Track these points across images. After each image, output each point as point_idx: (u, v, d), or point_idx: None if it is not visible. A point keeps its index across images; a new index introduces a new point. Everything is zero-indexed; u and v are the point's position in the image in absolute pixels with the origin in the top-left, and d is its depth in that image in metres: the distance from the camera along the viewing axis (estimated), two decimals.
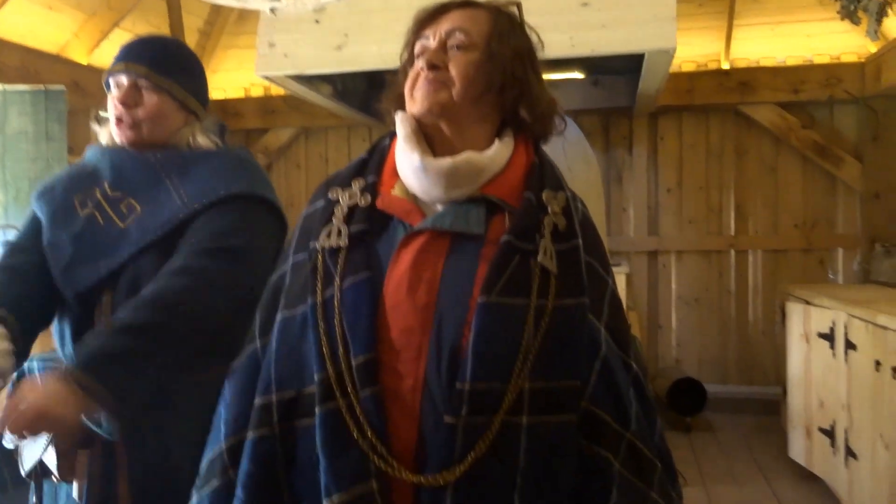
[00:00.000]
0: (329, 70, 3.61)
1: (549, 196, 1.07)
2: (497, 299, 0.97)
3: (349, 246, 1.05)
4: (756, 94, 4.53)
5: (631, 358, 1.09)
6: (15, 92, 3.75)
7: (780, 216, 4.67)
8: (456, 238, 1.03)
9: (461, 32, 1.07)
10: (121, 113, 1.45)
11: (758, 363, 4.67)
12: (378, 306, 1.00)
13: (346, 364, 0.98)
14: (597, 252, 1.11)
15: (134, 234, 1.39)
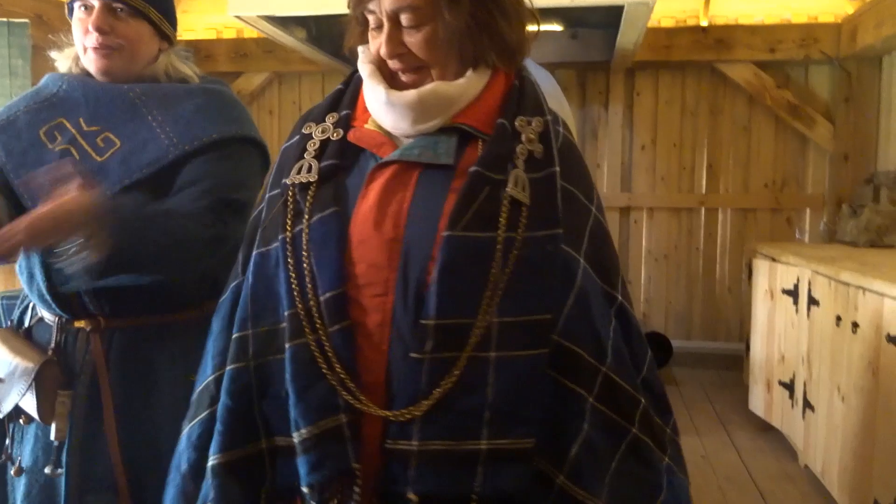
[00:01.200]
0: (304, 11, 3.53)
1: (522, 123, 1.03)
2: (462, 233, 0.95)
3: (319, 181, 1.04)
4: (733, 52, 4.53)
5: (617, 290, 1.05)
6: None
7: (751, 175, 4.71)
8: (426, 170, 1.01)
9: (407, 13, 0.99)
10: (95, 39, 1.36)
11: (722, 319, 4.76)
12: (346, 241, 0.99)
13: (315, 300, 0.98)
14: (579, 180, 1.07)
15: (116, 169, 1.33)
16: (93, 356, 1.36)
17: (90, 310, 1.36)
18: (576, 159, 1.09)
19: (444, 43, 1.01)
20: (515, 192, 0.98)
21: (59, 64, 1.47)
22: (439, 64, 1.02)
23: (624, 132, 4.79)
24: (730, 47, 4.53)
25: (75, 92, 1.41)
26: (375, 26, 1.03)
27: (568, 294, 0.98)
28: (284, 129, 5.13)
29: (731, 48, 4.53)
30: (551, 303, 0.96)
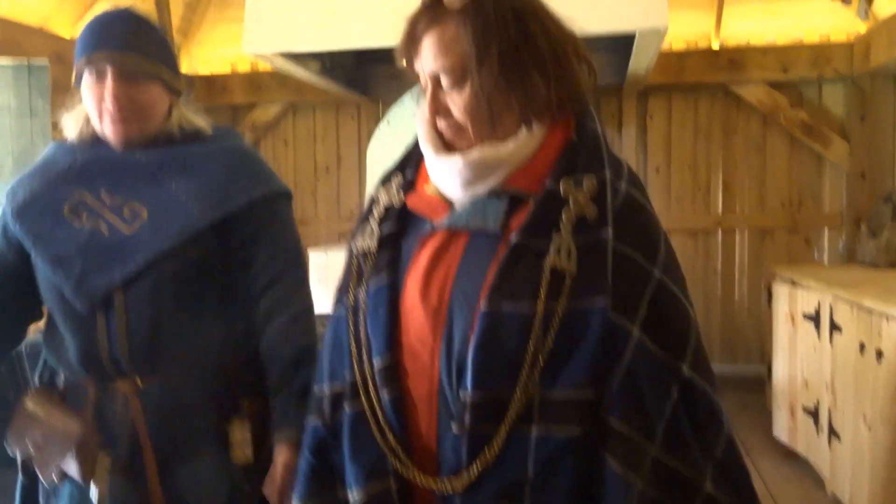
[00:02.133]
0: (318, 47, 3.56)
1: (568, 186, 0.96)
2: (498, 306, 0.92)
3: (378, 248, 1.05)
4: (745, 73, 4.53)
5: (683, 361, 0.95)
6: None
7: (767, 195, 4.69)
8: (474, 236, 0.98)
9: (444, 74, 0.97)
10: (112, 108, 1.33)
11: (742, 341, 4.72)
12: (397, 310, 1.00)
13: (370, 367, 1.00)
14: (641, 240, 0.98)
15: (147, 239, 1.33)
16: (132, 416, 1.36)
17: (126, 372, 1.36)
18: (637, 217, 1.00)
19: (483, 105, 0.97)
20: (557, 260, 0.93)
21: (68, 128, 1.43)
22: (482, 124, 0.99)
23: (638, 155, 4.78)
24: (742, 68, 4.53)
25: (90, 164, 1.39)
26: (423, 85, 1.02)
27: (614, 368, 0.91)
28: (299, 158, 5.17)
29: (743, 69, 4.53)
30: (595, 377, 0.91)
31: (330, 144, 5.17)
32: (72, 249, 1.34)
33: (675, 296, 0.98)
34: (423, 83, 1.01)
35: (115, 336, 1.33)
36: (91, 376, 1.38)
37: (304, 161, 5.18)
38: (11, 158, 3.68)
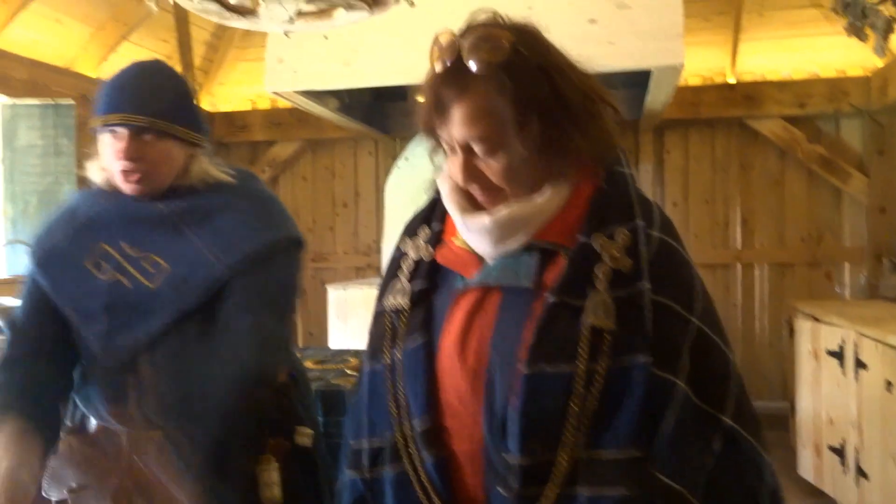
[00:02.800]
0: (337, 85, 3.63)
1: (603, 241, 0.94)
2: (539, 368, 0.90)
3: (411, 305, 1.04)
4: (762, 107, 4.55)
5: (724, 411, 0.92)
6: (24, 106, 3.76)
7: (786, 230, 4.67)
8: (507, 292, 0.97)
9: (477, 143, 0.95)
10: (126, 167, 1.35)
11: (764, 377, 4.67)
12: (434, 371, 0.99)
13: (410, 428, 0.99)
14: (678, 289, 0.95)
15: (169, 296, 1.34)
16: (165, 466, 1.37)
17: (155, 423, 1.38)
18: (672, 263, 0.98)
19: (521, 169, 0.96)
20: (596, 318, 0.91)
21: (93, 174, 1.46)
22: (521, 187, 0.98)
23: (655, 190, 4.79)
24: (759, 103, 4.54)
25: (111, 214, 1.41)
26: (450, 150, 0.99)
27: (661, 424, 0.89)
28: (318, 194, 5.22)
29: (759, 104, 4.54)
30: (641, 435, 0.89)
31: (348, 180, 5.21)
32: (96, 304, 1.36)
33: (714, 343, 0.96)
34: (450, 148, 0.99)
35: (144, 391, 1.35)
36: (122, 426, 1.39)
37: (322, 197, 5.22)
38: (37, 196, 3.75)
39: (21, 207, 3.75)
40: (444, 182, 1.04)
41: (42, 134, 3.71)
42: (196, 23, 4.69)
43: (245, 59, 5.10)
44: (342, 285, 4.22)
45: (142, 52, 4.55)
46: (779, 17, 4.44)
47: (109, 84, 1.40)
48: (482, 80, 0.93)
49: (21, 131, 3.72)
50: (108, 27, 4.23)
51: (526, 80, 0.93)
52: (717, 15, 4.47)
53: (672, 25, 3.22)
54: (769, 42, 4.54)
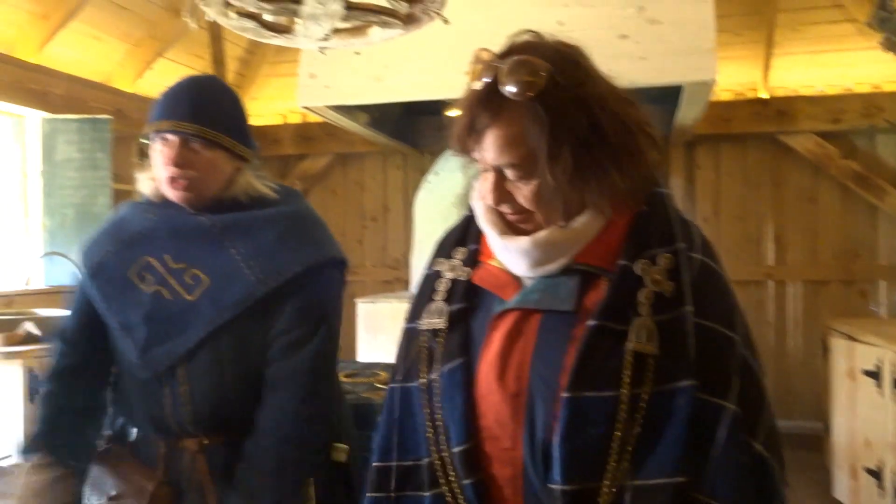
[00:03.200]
0: (368, 100, 3.66)
1: (645, 265, 0.93)
2: (581, 393, 0.89)
3: (448, 327, 1.03)
4: (795, 123, 4.50)
5: (757, 438, 0.91)
6: (62, 120, 3.84)
7: (819, 246, 4.60)
8: (547, 315, 0.96)
9: (510, 169, 0.95)
10: (174, 173, 1.39)
11: (797, 396, 4.58)
12: (472, 393, 0.98)
13: (448, 451, 0.98)
14: (719, 310, 0.95)
15: (207, 309, 1.37)
16: (199, 474, 1.39)
17: (191, 432, 1.40)
18: (715, 287, 0.97)
19: (551, 195, 0.95)
20: (640, 344, 0.90)
21: (142, 185, 1.49)
22: (552, 212, 0.96)
23: (686, 205, 4.75)
24: (791, 118, 4.49)
25: (158, 229, 1.44)
26: (484, 170, 0.98)
27: (708, 449, 0.87)
28: (348, 207, 5.26)
29: (792, 119, 4.49)
30: (687, 462, 0.87)
31: (377, 194, 5.25)
32: (137, 316, 1.39)
33: (753, 371, 0.95)
34: (483, 170, 0.98)
35: (179, 402, 1.37)
36: (159, 434, 1.41)
37: (351, 210, 5.26)
38: (73, 209, 3.82)
39: (58, 220, 3.83)
40: (479, 204, 1.03)
41: (79, 148, 3.79)
42: (230, 39, 4.76)
43: (277, 74, 5.17)
44: (371, 299, 4.23)
45: (177, 67, 4.63)
46: (812, 31, 4.40)
47: (164, 94, 1.44)
48: (516, 107, 0.92)
49: (59, 145, 3.80)
50: (144, 44, 4.32)
51: (561, 111, 0.91)
52: (750, 30, 4.44)
53: (704, 41, 3.21)
54: (802, 57, 4.49)
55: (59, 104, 3.86)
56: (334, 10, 1.46)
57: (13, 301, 3.57)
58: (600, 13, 3.32)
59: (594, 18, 3.31)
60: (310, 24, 1.53)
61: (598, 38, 3.29)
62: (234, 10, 1.57)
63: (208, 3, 1.49)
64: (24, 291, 3.70)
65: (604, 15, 3.31)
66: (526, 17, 3.44)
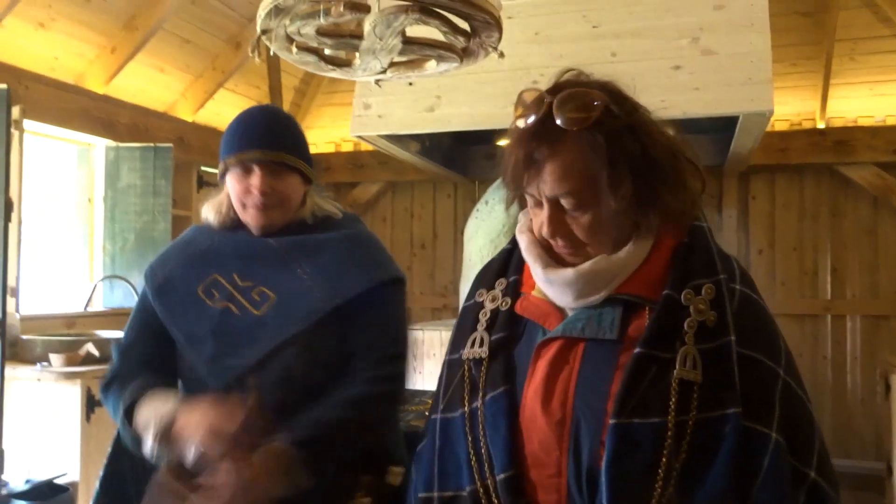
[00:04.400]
0: (420, 130, 3.70)
1: (689, 295, 0.95)
2: (630, 419, 0.90)
3: (490, 356, 1.05)
4: (854, 153, 4.40)
5: (810, 467, 0.92)
6: (126, 148, 3.99)
7: (879, 280, 4.47)
8: (591, 344, 0.98)
9: (567, 198, 0.96)
10: (258, 200, 1.43)
11: (856, 435, 4.43)
12: (517, 420, 0.99)
13: (492, 478, 0.98)
14: (762, 341, 0.97)
15: (273, 323, 1.40)
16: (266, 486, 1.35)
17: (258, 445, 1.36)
18: (756, 317, 0.99)
19: (607, 224, 0.98)
20: (685, 372, 0.91)
21: (209, 216, 1.54)
22: (607, 243, 0.99)
23: (739, 236, 4.67)
24: (850, 149, 4.40)
25: (225, 248, 1.49)
26: (535, 204, 1.01)
27: (754, 477, 0.89)
28: (397, 235, 5.31)
29: (851, 150, 4.40)
30: (734, 489, 0.88)
31: (426, 222, 5.29)
32: (204, 329, 1.42)
33: (799, 397, 0.96)
34: (535, 202, 1.00)
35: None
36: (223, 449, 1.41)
37: (401, 237, 5.31)
38: (134, 234, 3.94)
39: (119, 245, 3.95)
40: (522, 234, 1.06)
41: (142, 174, 3.92)
42: (287, 70, 4.89)
43: (330, 103, 5.28)
44: (419, 326, 4.25)
45: (236, 97, 4.77)
46: (871, 61, 4.31)
47: (237, 125, 1.49)
48: (574, 137, 0.95)
49: (123, 172, 3.94)
50: (206, 75, 4.47)
51: (617, 138, 0.95)
52: (806, 60, 4.38)
53: (760, 71, 3.17)
54: (861, 87, 4.41)
55: (123, 133, 4.01)
56: (393, 45, 1.49)
57: (75, 322, 3.69)
58: (653, 45, 3.31)
59: (647, 50, 3.31)
60: (368, 58, 1.56)
61: (651, 69, 3.28)
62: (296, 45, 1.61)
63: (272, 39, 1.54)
64: (84, 314, 3.83)
65: (657, 47, 3.31)
66: (578, 50, 3.46)
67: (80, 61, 3.80)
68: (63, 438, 2.95)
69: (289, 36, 1.60)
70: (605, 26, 3.39)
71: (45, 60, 3.61)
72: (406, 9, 1.43)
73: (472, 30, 1.60)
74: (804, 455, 0.93)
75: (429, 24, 1.51)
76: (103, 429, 2.89)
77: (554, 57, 3.37)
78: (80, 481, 2.90)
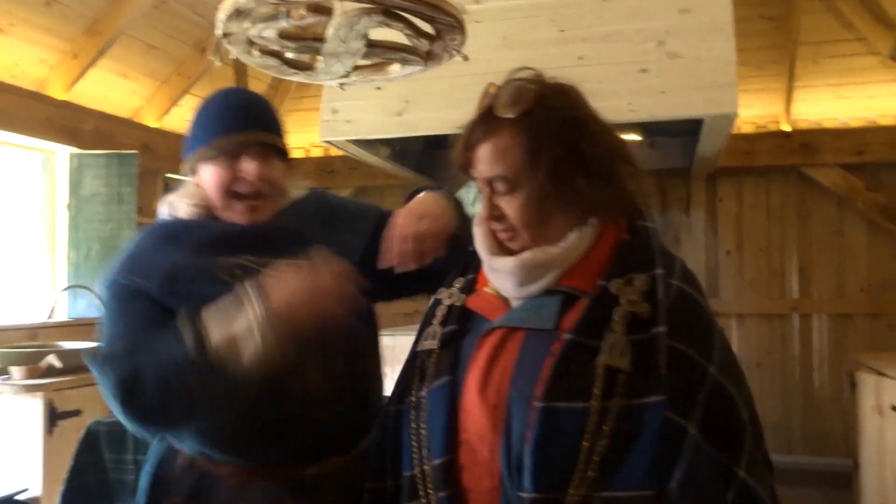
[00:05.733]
0: (389, 135, 3.69)
1: (620, 285, 0.98)
2: (553, 404, 0.93)
3: (440, 347, 1.08)
4: (818, 155, 4.47)
5: (740, 465, 0.93)
6: (89, 155, 3.92)
7: (845, 280, 4.54)
8: (530, 333, 1.01)
9: (499, 182, 1.03)
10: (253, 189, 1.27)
11: (826, 432, 4.49)
12: (456, 409, 1.02)
13: (429, 463, 1.01)
14: (694, 336, 0.97)
15: None
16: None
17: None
18: (691, 312, 1.00)
19: (537, 210, 1.02)
20: (610, 358, 0.93)
21: (178, 208, 1.33)
22: (534, 228, 1.03)
23: (707, 238, 4.72)
24: (815, 151, 4.47)
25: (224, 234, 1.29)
26: (482, 189, 1.06)
27: (673, 467, 0.89)
28: None
29: (816, 152, 4.47)
30: (654, 477, 0.89)
31: None
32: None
33: (730, 397, 0.96)
34: (480, 188, 1.06)
35: None
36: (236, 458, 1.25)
37: None
38: (99, 243, 3.87)
39: (84, 253, 3.88)
40: (476, 227, 1.10)
41: (106, 182, 3.85)
42: (253, 75, 4.85)
43: (299, 108, 5.24)
44: (390, 331, 4.22)
45: None
46: (834, 64, 4.38)
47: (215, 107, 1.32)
48: (507, 124, 1.01)
49: (86, 180, 3.86)
50: (171, 80, 4.41)
51: (546, 127, 1.00)
52: (771, 63, 4.44)
53: (725, 74, 3.20)
54: (825, 90, 4.48)
55: (87, 140, 3.94)
56: (356, 48, 1.48)
57: (37, 334, 3.61)
58: (620, 49, 3.33)
59: (614, 54, 3.33)
60: (331, 62, 1.55)
61: (618, 73, 3.30)
62: (257, 48, 1.59)
63: (233, 42, 1.51)
64: (47, 324, 3.75)
65: (624, 50, 3.33)
66: (546, 55, 3.46)
67: (42, 67, 3.73)
68: (24, 453, 2.88)
69: (250, 39, 1.58)
70: (572, 31, 3.40)
71: (6, 67, 3.54)
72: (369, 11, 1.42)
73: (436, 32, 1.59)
74: (732, 454, 0.93)
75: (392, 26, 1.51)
76: (66, 443, 2.82)
77: (522, 61, 3.35)
78: (42, 496, 2.84)
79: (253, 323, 1.08)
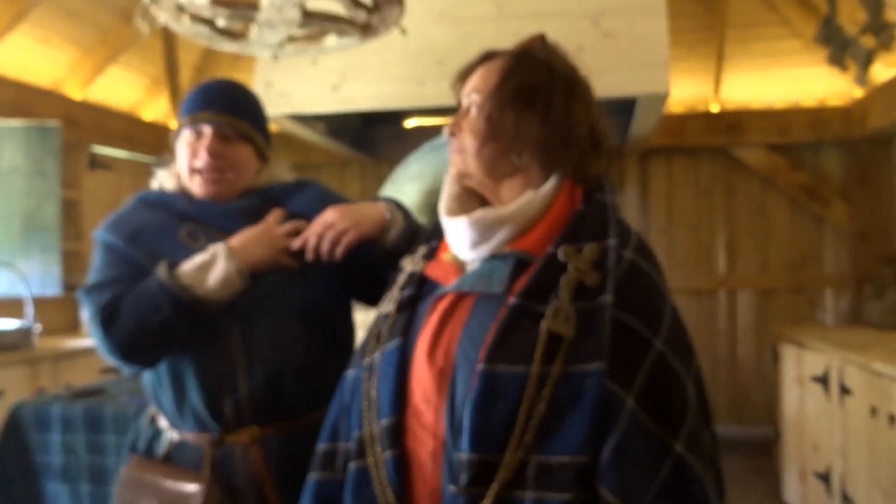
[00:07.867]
0: (326, 110, 3.63)
1: (569, 251, 0.98)
2: (494, 367, 0.93)
3: (396, 311, 1.09)
4: (745, 135, 4.61)
5: (677, 440, 0.92)
6: (9, 128, 3.74)
7: (769, 256, 4.72)
8: (481, 298, 1.01)
9: (475, 93, 1.08)
10: (205, 162, 1.39)
11: (749, 402, 4.68)
12: (406, 371, 1.03)
13: (377, 425, 1.03)
14: (643, 310, 0.96)
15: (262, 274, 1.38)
16: (254, 468, 1.34)
17: (245, 420, 1.36)
18: (641, 285, 0.99)
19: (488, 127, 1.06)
20: (553, 324, 0.93)
21: (163, 181, 1.49)
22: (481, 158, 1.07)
23: (640, 216, 4.83)
24: (742, 131, 4.61)
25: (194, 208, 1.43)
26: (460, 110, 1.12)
27: (608, 437, 0.90)
28: None
29: (742, 132, 4.61)
30: (590, 443, 0.90)
31: None
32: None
33: (674, 371, 0.95)
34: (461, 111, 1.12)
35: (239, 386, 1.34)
36: (207, 429, 1.36)
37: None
38: (20, 218, 3.71)
39: (4, 229, 3.71)
40: (443, 190, 1.12)
41: (27, 155, 3.68)
42: (184, 47, 4.70)
43: None
44: None
45: (129, 74, 4.55)
46: (761, 47, 4.51)
47: (198, 90, 1.47)
48: (501, 56, 1.10)
49: (6, 152, 3.69)
50: (96, 49, 4.23)
51: (528, 64, 1.07)
52: (702, 44, 4.54)
53: (657, 54, 3.26)
54: (752, 72, 4.61)
55: (5, 110, 3.75)
56: (291, 18, 1.45)
57: None
58: (556, 27, 3.35)
59: (550, 32, 3.32)
60: (265, 31, 1.51)
61: None
62: (187, 15, 1.54)
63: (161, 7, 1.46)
64: None
65: (560, 29, 3.35)
66: (483, 31, 3.46)
67: None
68: None
69: (180, 5, 1.53)
70: (510, 8, 3.41)
71: None
72: None
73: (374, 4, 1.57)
74: (671, 428, 0.92)
75: None
76: None
77: (459, 37, 3.37)
78: None
79: (216, 254, 1.32)
